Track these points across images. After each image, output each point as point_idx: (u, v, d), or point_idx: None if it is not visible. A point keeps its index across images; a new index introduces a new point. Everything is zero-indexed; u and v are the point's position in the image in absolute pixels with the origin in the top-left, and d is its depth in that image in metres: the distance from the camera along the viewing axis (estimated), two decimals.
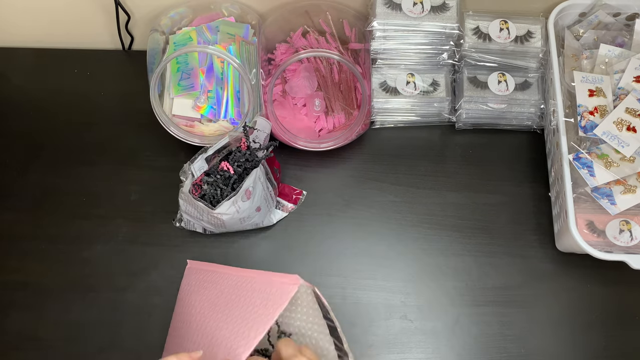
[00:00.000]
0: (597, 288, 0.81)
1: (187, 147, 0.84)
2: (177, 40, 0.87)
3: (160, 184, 0.87)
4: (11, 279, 0.82)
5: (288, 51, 0.91)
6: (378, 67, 0.89)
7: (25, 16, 0.93)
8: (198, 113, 0.86)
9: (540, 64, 0.88)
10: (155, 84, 0.81)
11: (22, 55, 0.98)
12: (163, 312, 0.80)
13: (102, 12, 0.92)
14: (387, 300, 0.81)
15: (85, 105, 0.93)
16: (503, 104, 0.87)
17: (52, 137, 0.91)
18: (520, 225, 0.85)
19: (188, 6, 0.89)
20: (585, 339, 0.79)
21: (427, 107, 0.89)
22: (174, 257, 0.83)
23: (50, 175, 0.88)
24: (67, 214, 0.86)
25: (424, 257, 0.83)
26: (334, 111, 0.88)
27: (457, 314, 0.80)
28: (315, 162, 0.88)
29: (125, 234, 0.85)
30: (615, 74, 0.82)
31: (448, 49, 0.88)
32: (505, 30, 0.88)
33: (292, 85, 0.89)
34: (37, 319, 0.80)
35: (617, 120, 0.78)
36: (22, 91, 0.95)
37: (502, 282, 0.82)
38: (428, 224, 0.85)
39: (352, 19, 0.90)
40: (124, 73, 0.96)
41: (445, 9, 0.87)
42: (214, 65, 0.86)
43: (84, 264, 0.83)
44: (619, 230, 0.76)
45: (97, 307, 0.80)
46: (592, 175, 0.76)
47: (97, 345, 0.78)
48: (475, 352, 0.79)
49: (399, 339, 0.79)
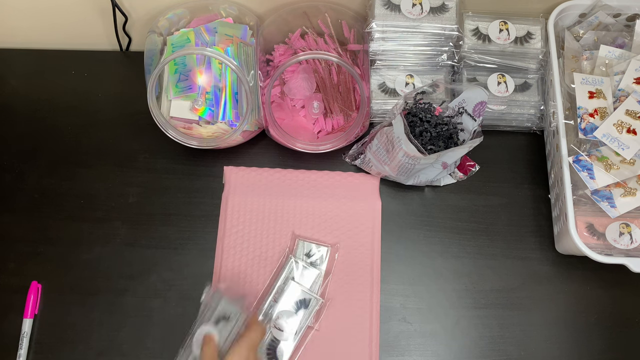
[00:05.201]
0: (597, 291, 0.81)
1: (185, 149, 0.84)
2: (174, 41, 0.87)
3: (158, 186, 0.87)
4: (9, 282, 0.82)
5: (286, 52, 0.90)
6: (377, 68, 0.89)
7: (22, 17, 0.93)
8: (196, 115, 0.85)
9: (540, 65, 0.88)
10: (153, 86, 0.81)
11: (19, 56, 0.97)
12: (162, 315, 0.80)
13: (100, 13, 0.91)
14: (386, 303, 0.81)
15: (82, 106, 0.93)
16: (503, 106, 0.87)
17: (50, 139, 0.90)
18: (520, 227, 0.85)
19: (186, 7, 0.88)
20: (585, 341, 0.79)
21: None
22: (173, 259, 0.83)
23: (48, 177, 0.88)
24: (66, 216, 0.85)
25: (423, 260, 0.83)
26: (333, 113, 0.88)
27: (456, 317, 0.80)
28: (314, 164, 0.88)
29: (123, 237, 0.84)
30: (616, 76, 0.81)
31: (447, 50, 0.87)
32: (504, 31, 0.87)
33: (291, 87, 0.88)
34: (36, 322, 0.80)
35: (617, 123, 0.78)
36: (19, 92, 0.95)
37: (502, 285, 0.82)
38: (427, 225, 0.85)
39: (350, 20, 0.89)
40: (121, 74, 0.96)
41: (444, 10, 0.86)
42: (212, 66, 0.85)
43: (83, 267, 0.83)
44: (619, 233, 0.76)
45: (96, 310, 0.80)
46: (592, 178, 0.76)
47: (96, 348, 0.78)
48: (474, 355, 0.79)
49: (399, 341, 0.79)
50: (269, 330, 0.77)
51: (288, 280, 0.79)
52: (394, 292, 0.82)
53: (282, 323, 0.77)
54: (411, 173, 0.81)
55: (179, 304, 0.80)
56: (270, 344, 0.76)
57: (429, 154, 0.75)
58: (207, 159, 0.88)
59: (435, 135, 0.80)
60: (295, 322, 0.77)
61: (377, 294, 0.80)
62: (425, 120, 0.80)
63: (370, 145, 0.83)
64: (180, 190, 0.87)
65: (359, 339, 0.78)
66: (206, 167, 0.88)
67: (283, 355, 0.76)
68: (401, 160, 0.77)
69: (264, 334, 0.68)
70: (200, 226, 0.85)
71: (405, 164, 0.78)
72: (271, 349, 0.76)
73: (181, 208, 0.86)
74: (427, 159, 0.76)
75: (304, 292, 0.78)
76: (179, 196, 0.86)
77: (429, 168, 0.80)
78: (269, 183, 0.86)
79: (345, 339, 0.78)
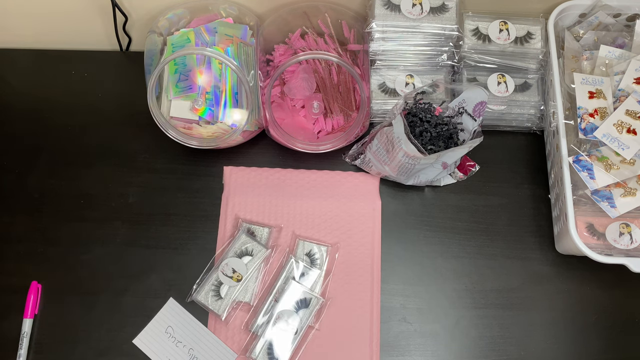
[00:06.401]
0: (597, 291, 0.81)
1: (185, 149, 0.84)
2: (174, 41, 0.87)
3: (158, 186, 0.87)
4: (9, 282, 0.82)
5: (286, 52, 0.90)
6: (377, 68, 0.89)
7: (22, 17, 0.93)
8: (196, 115, 0.85)
9: (540, 65, 0.88)
10: (153, 86, 0.81)
11: (19, 56, 0.97)
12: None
13: (100, 13, 0.91)
14: (386, 303, 0.81)
15: (82, 106, 0.93)
16: (503, 106, 0.87)
17: (50, 139, 0.90)
18: (520, 227, 0.85)
19: (186, 7, 0.88)
20: (585, 341, 0.79)
21: None
22: (173, 259, 0.83)
23: (48, 178, 0.88)
24: (65, 216, 0.85)
25: (423, 260, 0.83)
26: (333, 113, 0.88)
27: (456, 317, 0.80)
28: (313, 164, 0.88)
29: (123, 237, 0.84)
30: (616, 76, 0.81)
31: (447, 50, 0.87)
32: (505, 31, 0.87)
33: (291, 87, 0.88)
34: (36, 322, 0.79)
35: (618, 123, 0.78)
36: (19, 92, 0.95)
37: (502, 285, 0.82)
38: (427, 225, 0.85)
39: (350, 20, 0.89)
40: (121, 74, 0.96)
41: (444, 10, 0.86)
42: (212, 66, 0.85)
43: (83, 267, 0.83)
44: (619, 233, 0.76)
45: (96, 310, 0.80)
46: (592, 178, 0.76)
47: (96, 348, 0.78)
48: (474, 355, 0.79)
49: (399, 341, 0.79)
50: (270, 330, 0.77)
51: (289, 280, 0.79)
52: (394, 292, 0.82)
53: (283, 323, 0.77)
54: (411, 173, 0.81)
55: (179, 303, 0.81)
56: (270, 343, 0.76)
57: (429, 154, 0.75)
58: (207, 159, 0.88)
59: (435, 135, 0.80)
60: (295, 322, 0.77)
61: (377, 294, 0.80)
62: (425, 120, 0.80)
63: (370, 145, 0.83)
64: (180, 190, 0.87)
65: (359, 338, 0.78)
66: (206, 167, 0.88)
67: (283, 355, 0.76)
68: (401, 160, 0.78)
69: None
70: (200, 226, 0.85)
71: (405, 164, 0.78)
72: (271, 348, 0.76)
73: (181, 208, 0.86)
74: (427, 159, 0.76)
75: (305, 291, 0.78)
76: (179, 196, 0.86)
77: (429, 168, 0.81)
78: (269, 183, 0.86)
79: (345, 339, 0.78)
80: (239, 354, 0.78)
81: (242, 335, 0.79)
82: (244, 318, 0.79)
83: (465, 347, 0.79)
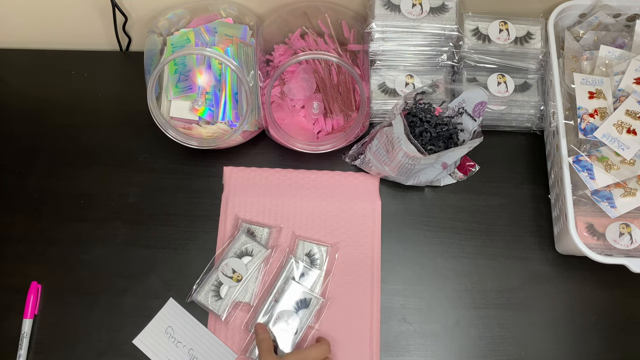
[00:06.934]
0: (597, 291, 0.81)
1: (185, 149, 0.84)
2: (174, 41, 0.87)
3: (158, 186, 0.87)
4: (9, 282, 0.82)
5: (286, 52, 0.90)
6: (377, 68, 0.89)
7: (22, 17, 0.93)
8: (196, 115, 0.85)
9: (540, 65, 0.88)
10: (153, 86, 0.81)
11: (19, 56, 0.97)
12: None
13: (99, 13, 0.91)
14: (386, 303, 0.81)
15: (82, 106, 0.93)
16: (503, 106, 0.87)
17: (49, 139, 0.90)
18: (520, 227, 0.85)
19: (186, 7, 0.88)
20: (585, 341, 0.79)
21: None
22: (173, 259, 0.83)
23: (48, 178, 0.88)
24: (65, 216, 0.85)
25: (423, 260, 0.83)
26: (333, 113, 0.88)
27: (456, 317, 0.80)
28: (313, 164, 0.88)
29: (123, 237, 0.84)
30: (616, 76, 0.81)
31: (447, 50, 0.87)
32: (504, 31, 0.87)
33: (291, 87, 0.88)
34: (36, 322, 0.79)
35: (617, 123, 0.78)
36: (19, 92, 0.95)
37: (502, 285, 0.82)
38: (427, 225, 0.85)
39: (350, 20, 0.89)
40: (121, 74, 0.96)
41: (444, 10, 0.86)
42: (212, 66, 0.85)
43: (83, 267, 0.83)
44: (619, 233, 0.76)
45: (96, 310, 0.80)
46: (592, 178, 0.76)
47: (96, 348, 0.78)
48: (474, 355, 0.79)
49: (398, 341, 0.79)
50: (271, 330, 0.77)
51: (289, 280, 0.79)
52: (394, 292, 0.82)
53: (283, 323, 0.77)
54: (411, 173, 0.81)
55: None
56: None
57: (429, 154, 0.75)
58: (207, 159, 0.88)
59: (435, 136, 0.80)
60: (295, 322, 0.77)
61: (377, 294, 0.80)
62: (425, 120, 0.80)
63: (370, 146, 0.83)
64: (180, 190, 0.87)
65: (359, 338, 0.78)
66: (206, 167, 0.88)
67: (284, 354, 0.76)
68: (401, 161, 0.78)
69: (327, 353, 0.71)
70: (200, 226, 0.85)
71: (405, 164, 0.78)
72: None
73: (181, 208, 0.86)
74: (427, 159, 0.76)
75: (305, 292, 0.78)
76: (179, 196, 0.86)
77: (429, 168, 0.81)
78: (269, 183, 0.86)
79: (345, 339, 0.78)
80: (238, 354, 0.78)
81: (242, 336, 0.79)
82: (244, 318, 0.79)
83: (465, 347, 0.79)
